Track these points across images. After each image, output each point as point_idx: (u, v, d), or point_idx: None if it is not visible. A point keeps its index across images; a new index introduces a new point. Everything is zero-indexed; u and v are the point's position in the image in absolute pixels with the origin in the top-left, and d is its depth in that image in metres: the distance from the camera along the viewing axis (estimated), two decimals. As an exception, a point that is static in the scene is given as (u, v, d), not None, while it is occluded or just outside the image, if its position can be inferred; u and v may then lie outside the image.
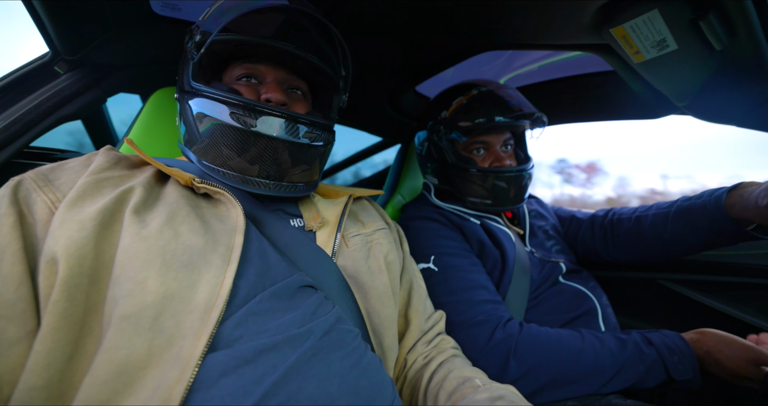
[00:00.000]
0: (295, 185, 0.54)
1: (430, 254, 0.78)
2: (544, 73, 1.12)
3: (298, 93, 0.59)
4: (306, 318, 0.42)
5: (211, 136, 0.49)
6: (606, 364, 0.65)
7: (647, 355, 0.65)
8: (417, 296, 0.65)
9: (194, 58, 0.52)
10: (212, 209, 0.47)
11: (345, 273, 0.52)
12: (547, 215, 1.01)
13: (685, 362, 0.64)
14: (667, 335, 0.68)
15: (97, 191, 0.43)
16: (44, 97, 0.68)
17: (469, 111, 0.83)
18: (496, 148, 0.85)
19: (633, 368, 0.64)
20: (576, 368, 0.65)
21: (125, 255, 0.38)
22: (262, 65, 0.56)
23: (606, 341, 0.67)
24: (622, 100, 0.95)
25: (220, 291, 0.38)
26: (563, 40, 0.71)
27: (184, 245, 0.40)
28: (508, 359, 0.65)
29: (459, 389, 0.51)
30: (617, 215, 0.94)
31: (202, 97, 0.50)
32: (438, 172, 0.91)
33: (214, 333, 0.36)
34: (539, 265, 0.84)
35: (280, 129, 0.49)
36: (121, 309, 0.35)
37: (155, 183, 0.47)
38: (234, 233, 0.44)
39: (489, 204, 0.84)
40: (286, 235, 0.51)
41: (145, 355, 0.34)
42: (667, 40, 0.61)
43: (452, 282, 0.75)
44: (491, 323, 0.70)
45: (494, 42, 0.79)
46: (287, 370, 0.36)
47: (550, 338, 0.68)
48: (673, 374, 0.63)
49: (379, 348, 0.52)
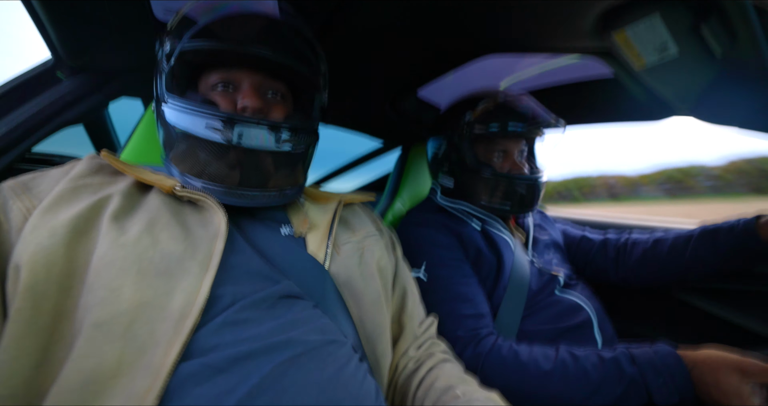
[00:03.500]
0: (281, 193, 0.54)
1: (421, 262, 0.79)
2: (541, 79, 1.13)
3: (277, 97, 0.57)
4: (286, 328, 0.41)
5: (189, 150, 0.48)
6: (576, 386, 0.62)
7: (627, 375, 0.60)
8: (411, 301, 0.64)
9: (165, 70, 0.51)
10: (196, 215, 0.47)
11: (337, 281, 0.52)
12: (548, 228, 1.01)
13: (672, 384, 0.57)
14: (659, 353, 0.61)
15: (74, 198, 0.42)
16: (47, 103, 0.68)
17: (497, 115, 0.84)
18: (513, 155, 0.87)
19: (607, 390, 0.60)
20: (542, 392, 0.63)
21: (101, 262, 0.37)
22: (236, 71, 0.54)
23: (583, 360, 0.64)
24: (622, 104, 0.95)
25: (196, 299, 0.38)
26: (564, 43, 0.72)
27: (162, 253, 0.39)
28: (476, 374, 0.64)
29: (441, 400, 0.50)
30: (632, 239, 0.95)
31: (176, 109, 0.48)
32: (455, 173, 0.90)
33: (188, 342, 0.35)
34: (538, 274, 0.84)
35: (259, 139, 0.48)
36: (93, 317, 0.34)
37: (137, 190, 0.47)
38: (215, 240, 0.43)
39: (507, 209, 0.86)
40: (275, 243, 0.51)
41: (116, 363, 0.33)
42: (668, 45, 0.61)
43: (438, 293, 0.75)
44: (466, 340, 0.70)
45: (496, 45, 0.79)
46: (262, 380, 0.35)
47: (519, 359, 0.66)
48: (655, 399, 0.57)
49: (372, 355, 0.52)
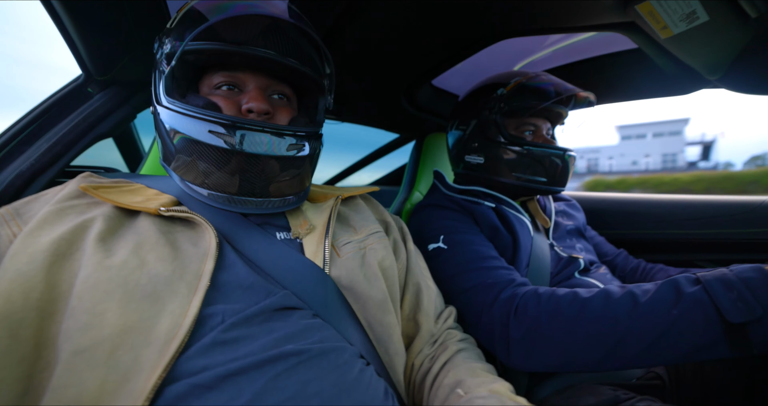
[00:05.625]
0: (284, 199, 0.52)
1: (439, 235, 0.77)
2: (559, 58, 1.10)
3: (283, 99, 0.56)
4: (281, 341, 0.39)
5: (190, 156, 0.46)
6: (621, 311, 0.52)
7: (686, 296, 0.48)
8: (426, 297, 0.61)
9: (165, 71, 0.48)
10: (188, 232, 0.45)
11: (340, 284, 0.50)
12: (576, 216, 1.00)
13: (751, 296, 0.45)
14: (734, 269, 0.50)
15: (58, 220, 0.41)
16: (80, 118, 0.70)
17: (532, 90, 0.83)
18: (542, 132, 0.86)
19: (659, 314, 0.48)
20: (580, 320, 0.54)
21: (84, 286, 0.36)
22: (241, 73, 0.52)
23: (630, 288, 0.55)
24: (648, 79, 0.92)
25: (183, 321, 0.36)
26: (585, 21, 0.70)
27: (149, 275, 0.38)
28: (509, 318, 0.61)
29: (448, 400, 0.49)
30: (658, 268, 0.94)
31: (177, 113, 0.46)
32: (486, 150, 0.88)
33: (172, 364, 0.34)
34: (556, 258, 0.83)
35: (263, 145, 0.45)
36: (74, 344, 0.33)
37: (126, 210, 0.45)
38: (205, 259, 0.42)
39: (544, 182, 0.84)
40: (271, 251, 0.48)
41: (97, 392, 0.32)
42: (698, 12, 0.58)
43: (463, 255, 0.73)
44: (501, 285, 0.66)
45: (513, 29, 0.78)
46: (254, 395, 0.34)
47: (556, 293, 0.61)
48: (729, 315, 0.45)
49: (386, 356, 0.51)
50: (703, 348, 0.46)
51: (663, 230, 1.12)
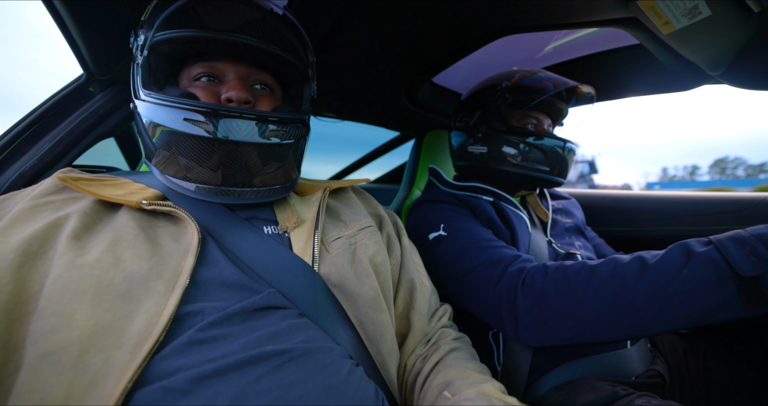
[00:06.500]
0: (270, 188, 0.50)
1: (439, 223, 0.78)
2: (560, 55, 1.09)
3: (265, 89, 0.54)
4: (262, 341, 0.37)
5: (168, 148, 0.45)
6: (629, 274, 0.50)
7: (696, 255, 0.47)
8: (420, 295, 0.59)
9: (139, 63, 0.47)
10: (170, 228, 0.44)
11: (329, 282, 0.48)
12: (575, 214, 1.00)
13: (764, 250, 0.44)
14: (748, 229, 0.48)
15: (32, 217, 0.39)
16: (82, 118, 0.71)
17: (536, 83, 0.84)
18: (544, 126, 0.88)
19: (669, 275, 0.47)
20: (588, 287, 0.53)
21: (54, 286, 0.34)
22: (219, 62, 0.50)
23: (639, 253, 0.54)
24: (649, 75, 0.92)
25: (158, 321, 0.34)
26: (587, 17, 0.70)
27: (123, 273, 0.36)
28: (516, 291, 0.60)
29: (437, 401, 0.47)
30: None
31: (153, 104, 0.45)
32: (489, 140, 0.88)
33: (142, 367, 0.32)
34: (553, 255, 0.83)
35: (244, 132, 0.44)
36: (40, 347, 0.31)
37: (105, 205, 0.44)
38: (186, 255, 0.40)
39: (546, 171, 0.84)
40: (258, 247, 0.46)
41: (63, 397, 0.30)
42: (700, 7, 0.58)
43: (465, 239, 0.73)
44: (508, 260, 0.65)
45: (514, 25, 0.78)
46: (233, 399, 0.32)
47: (563, 264, 0.60)
48: (742, 269, 0.43)
49: (378, 356, 0.49)
50: (717, 307, 0.44)
51: (664, 226, 1.12)
